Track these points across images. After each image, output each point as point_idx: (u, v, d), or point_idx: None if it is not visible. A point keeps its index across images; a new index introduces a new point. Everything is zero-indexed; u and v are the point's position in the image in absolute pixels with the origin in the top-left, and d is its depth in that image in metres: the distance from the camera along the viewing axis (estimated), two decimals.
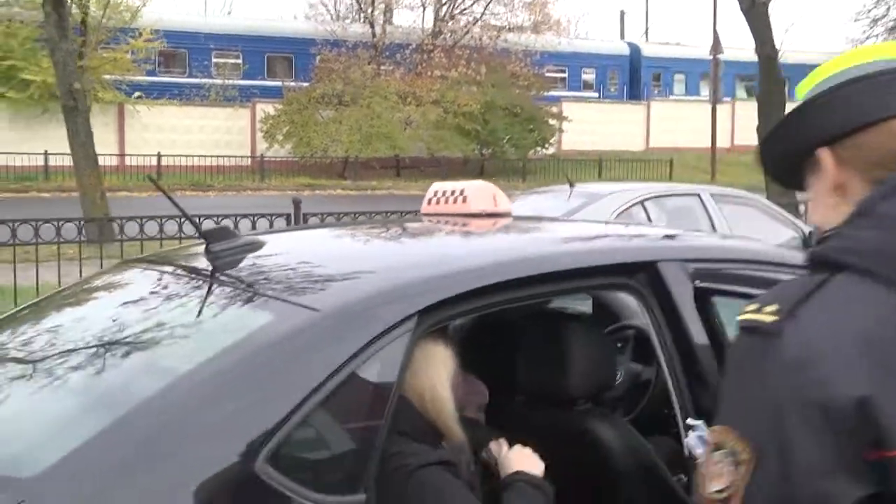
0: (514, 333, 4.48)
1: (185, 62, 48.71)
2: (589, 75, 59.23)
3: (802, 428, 1.73)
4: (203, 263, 3.78)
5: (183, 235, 12.50)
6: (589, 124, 53.20)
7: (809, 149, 2.06)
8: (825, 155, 2.02)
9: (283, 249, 3.91)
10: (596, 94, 58.93)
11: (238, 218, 12.82)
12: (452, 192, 4.56)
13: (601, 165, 45.93)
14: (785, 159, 2.20)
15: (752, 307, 1.91)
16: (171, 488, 2.73)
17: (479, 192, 4.51)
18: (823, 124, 2.03)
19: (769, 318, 1.84)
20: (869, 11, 57.65)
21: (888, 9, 56.64)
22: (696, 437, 2.49)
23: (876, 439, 1.70)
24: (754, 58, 28.41)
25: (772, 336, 1.82)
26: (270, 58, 50.72)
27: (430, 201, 4.64)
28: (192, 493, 2.72)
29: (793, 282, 2.00)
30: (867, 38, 58.28)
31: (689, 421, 2.67)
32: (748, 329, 1.89)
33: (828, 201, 2.06)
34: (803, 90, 2.14)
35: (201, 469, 2.77)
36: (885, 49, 2.08)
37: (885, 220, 1.88)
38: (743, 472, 1.79)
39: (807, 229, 14.14)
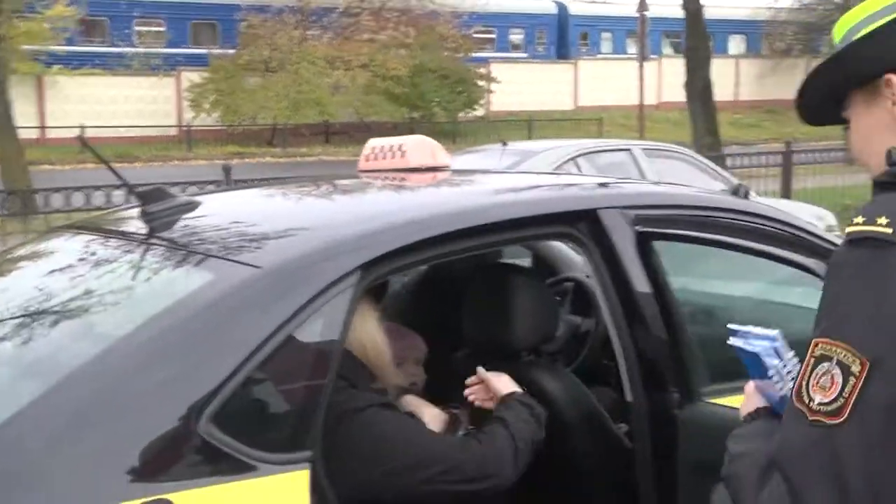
0: (457, 287, 4.47)
1: (105, 31, 48.22)
2: (517, 35, 59.33)
3: None
4: (138, 226, 3.72)
5: (111, 206, 12.36)
6: (518, 85, 53.31)
7: (877, 73, 2.07)
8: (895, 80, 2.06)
9: (221, 209, 3.87)
10: (524, 55, 59.01)
11: (168, 187, 12.63)
12: (391, 148, 4.53)
13: (531, 126, 45.98)
14: (837, 87, 2.20)
15: (860, 219, 1.90)
16: (110, 454, 2.72)
17: (418, 147, 4.48)
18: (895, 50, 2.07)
19: (886, 230, 1.85)
20: None
21: None
22: (771, 348, 2.33)
23: None
24: (680, 14, 28.62)
25: (892, 246, 1.84)
26: (195, 25, 50.39)
27: (367, 158, 4.60)
28: (134, 457, 2.72)
29: (888, 197, 1.95)
30: None
31: (759, 330, 2.45)
32: (861, 240, 1.89)
33: (886, 126, 2.09)
34: (859, 16, 2.16)
35: (141, 433, 2.76)
36: None
37: None
38: (854, 382, 1.80)
39: (734, 181, 14.31)
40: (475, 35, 53.33)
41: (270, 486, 2.85)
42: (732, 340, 2.40)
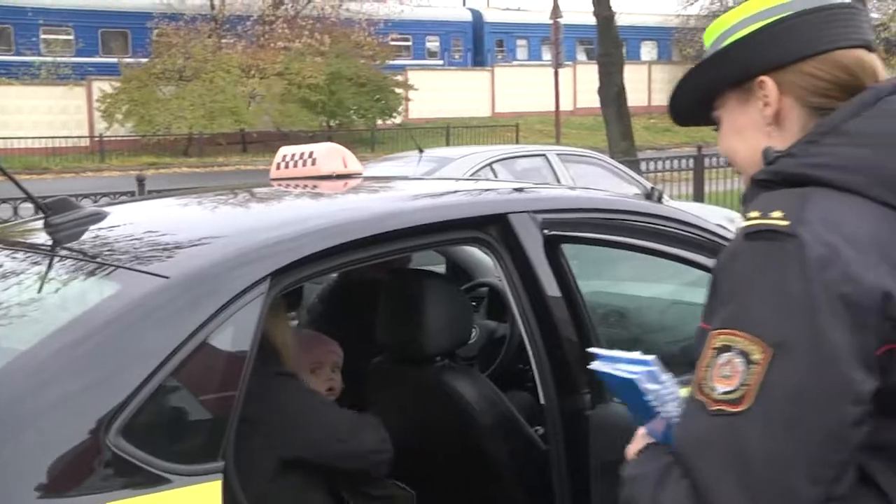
0: (372, 292, 4.48)
1: (10, 39, 47.61)
2: (433, 43, 59.48)
3: (833, 320, 1.80)
4: (43, 238, 3.69)
5: (17, 219, 12.24)
6: (435, 92, 53.43)
7: (750, 75, 2.16)
8: (770, 82, 2.14)
9: (129, 219, 3.84)
10: (440, 62, 59.15)
11: (79, 198, 12.55)
12: (301, 155, 4.53)
13: (449, 132, 46.07)
14: (710, 88, 2.28)
15: (755, 213, 1.95)
16: (16, 470, 2.68)
17: (329, 154, 4.49)
18: (772, 51, 2.14)
19: (781, 222, 1.89)
20: None
21: None
22: (647, 374, 2.29)
23: (891, 334, 1.83)
24: (593, 21, 28.80)
25: (787, 237, 1.87)
26: (105, 33, 49.89)
27: (278, 166, 4.60)
28: (42, 472, 2.68)
29: (777, 194, 2.00)
30: (694, 0, 59.73)
31: (630, 355, 2.41)
32: (758, 233, 1.92)
33: (759, 127, 2.19)
34: (732, 20, 2.24)
35: (48, 448, 2.72)
36: None
37: (858, 136, 2.00)
38: (756, 370, 1.83)
39: (648, 185, 14.52)
40: (391, 42, 53.34)
41: (182, 498, 2.82)
42: (595, 365, 2.40)
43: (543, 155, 14.05)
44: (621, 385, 2.34)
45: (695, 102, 2.35)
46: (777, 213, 1.91)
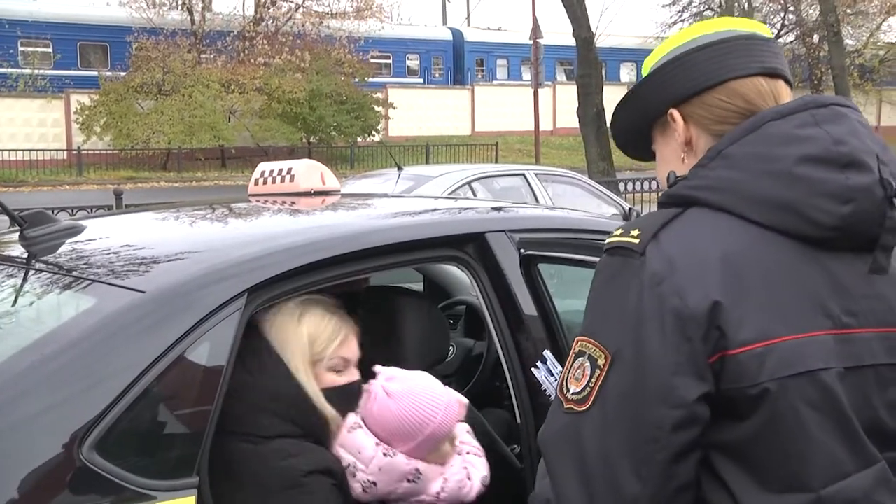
0: (349, 309, 4.47)
1: None
2: (413, 61, 59.49)
3: (658, 331, 1.98)
4: (18, 251, 3.68)
5: None
6: (415, 110, 53.51)
7: (662, 110, 2.32)
8: (676, 113, 2.30)
9: (106, 233, 3.83)
10: (421, 80, 59.18)
11: (56, 211, 12.55)
12: (280, 172, 4.53)
13: (428, 150, 46.09)
14: (636, 124, 2.45)
15: (618, 232, 2.16)
16: None
17: (307, 171, 4.49)
18: (675, 87, 2.29)
19: (634, 240, 2.09)
20: (673, 2, 59.46)
21: None
22: (545, 370, 2.65)
23: (720, 342, 1.98)
24: (572, 42, 28.91)
25: (636, 254, 2.07)
26: (83, 46, 49.70)
27: (256, 182, 4.60)
28: (13, 488, 2.67)
29: (652, 214, 2.20)
30: (674, 22, 59.91)
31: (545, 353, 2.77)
32: (614, 249, 2.13)
33: (677, 155, 2.34)
34: (651, 62, 2.40)
35: (21, 463, 2.71)
36: (726, 22, 2.37)
37: (734, 159, 2.15)
38: (598, 374, 2.03)
39: (626, 206, 14.57)
40: (372, 60, 53.33)
41: None
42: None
43: (522, 174, 14.11)
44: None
45: (632, 139, 2.53)
46: (635, 232, 2.11)
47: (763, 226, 2.08)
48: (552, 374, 2.54)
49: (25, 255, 3.61)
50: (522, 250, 3.74)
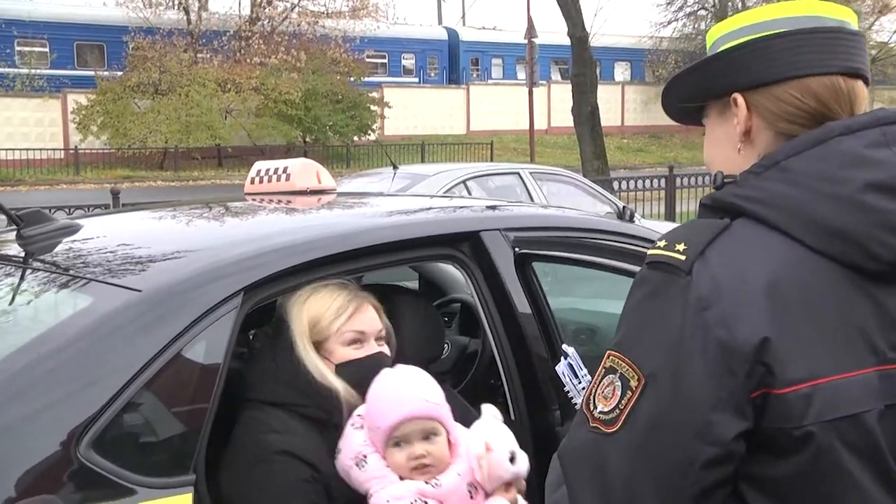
0: None
1: None
2: (409, 60, 59.51)
3: (700, 361, 1.84)
4: (15, 249, 3.67)
5: None
6: (410, 109, 53.52)
7: (725, 92, 2.13)
8: (741, 100, 2.10)
9: (103, 232, 3.82)
10: (416, 80, 59.18)
11: (53, 210, 12.54)
12: (276, 171, 4.53)
13: (424, 149, 46.10)
14: (693, 97, 2.26)
15: (662, 244, 1.99)
16: None
17: (303, 170, 4.48)
18: (745, 72, 2.09)
19: (680, 256, 1.93)
20: (669, 3, 59.56)
21: None
22: (566, 366, 2.51)
23: (765, 379, 1.84)
24: (567, 41, 28.91)
25: (681, 272, 1.91)
26: (80, 45, 49.63)
27: (253, 181, 4.60)
28: (10, 486, 2.67)
29: (699, 223, 2.05)
30: (669, 22, 59.93)
31: (564, 347, 2.65)
32: (657, 264, 1.97)
33: (733, 143, 2.16)
34: (719, 33, 2.20)
35: (19, 461, 2.71)
36: (813, 6, 2.12)
37: (793, 174, 1.97)
38: (630, 396, 1.90)
39: (620, 204, 14.58)
40: (367, 59, 53.31)
41: None
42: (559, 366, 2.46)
43: (517, 173, 14.12)
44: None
45: (682, 106, 2.34)
46: (681, 246, 1.95)
47: (816, 251, 1.93)
48: (575, 374, 2.44)
49: (22, 254, 3.61)
50: (517, 249, 3.75)
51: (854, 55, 2.09)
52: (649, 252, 2.01)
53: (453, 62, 61.33)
